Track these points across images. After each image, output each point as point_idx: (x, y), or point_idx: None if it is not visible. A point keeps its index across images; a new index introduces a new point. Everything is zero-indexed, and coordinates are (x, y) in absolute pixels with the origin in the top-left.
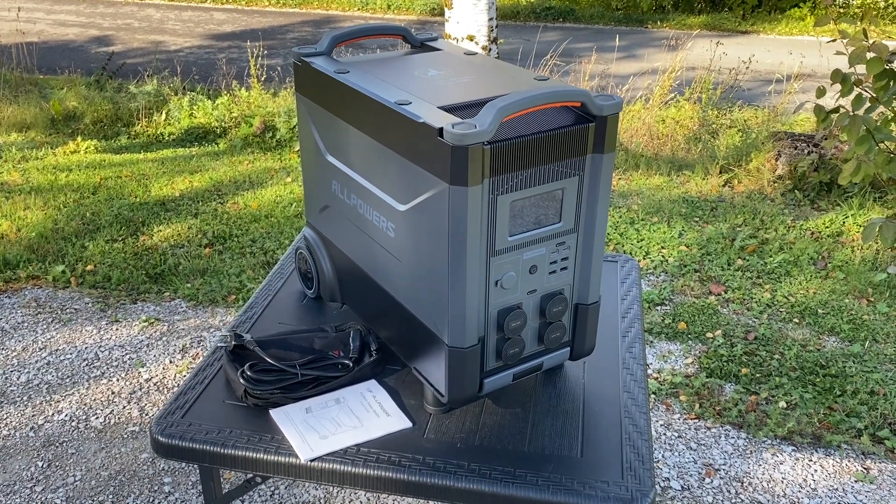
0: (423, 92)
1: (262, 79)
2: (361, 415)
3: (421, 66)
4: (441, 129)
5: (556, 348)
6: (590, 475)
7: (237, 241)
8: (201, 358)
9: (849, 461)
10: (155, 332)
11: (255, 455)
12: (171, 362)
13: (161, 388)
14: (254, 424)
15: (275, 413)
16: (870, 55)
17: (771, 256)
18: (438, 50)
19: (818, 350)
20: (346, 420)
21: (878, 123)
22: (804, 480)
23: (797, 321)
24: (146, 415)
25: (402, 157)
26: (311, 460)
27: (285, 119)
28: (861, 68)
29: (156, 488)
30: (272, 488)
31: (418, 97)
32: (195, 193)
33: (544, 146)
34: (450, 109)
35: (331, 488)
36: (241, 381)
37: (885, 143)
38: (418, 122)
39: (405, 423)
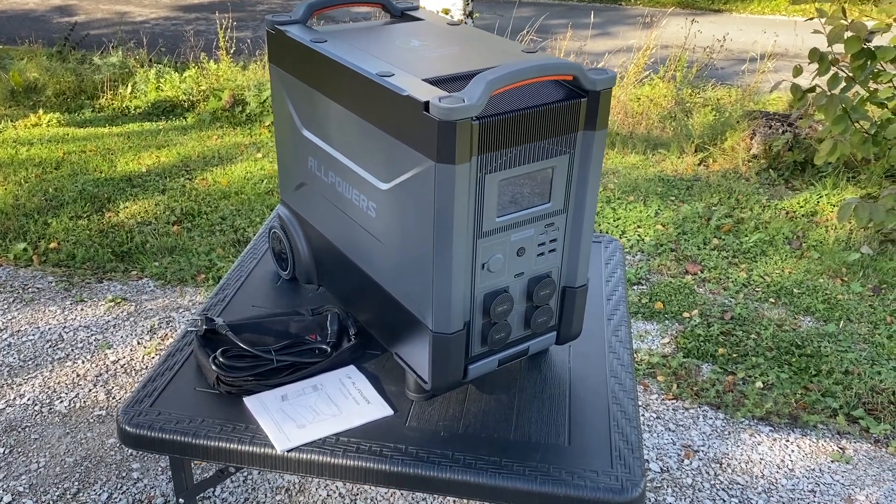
0: (406, 63)
1: (231, 51)
2: (340, 402)
3: (403, 36)
4: (427, 103)
5: (542, 333)
6: (578, 464)
7: (206, 218)
8: (170, 340)
9: (825, 441)
10: (122, 312)
11: (228, 445)
12: (138, 343)
13: (129, 371)
14: (227, 413)
15: (249, 401)
16: (848, 34)
17: (746, 236)
18: (420, 20)
19: (794, 330)
20: (325, 408)
21: (854, 103)
22: (781, 461)
23: (773, 301)
24: (113, 398)
25: (384, 133)
26: (288, 451)
27: (255, 93)
28: (838, 47)
29: (123, 475)
30: (245, 473)
31: (401, 69)
32: (162, 169)
33: (535, 122)
34: (435, 82)
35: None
36: (213, 367)
37: (860, 122)
38: (402, 96)
39: (386, 411)
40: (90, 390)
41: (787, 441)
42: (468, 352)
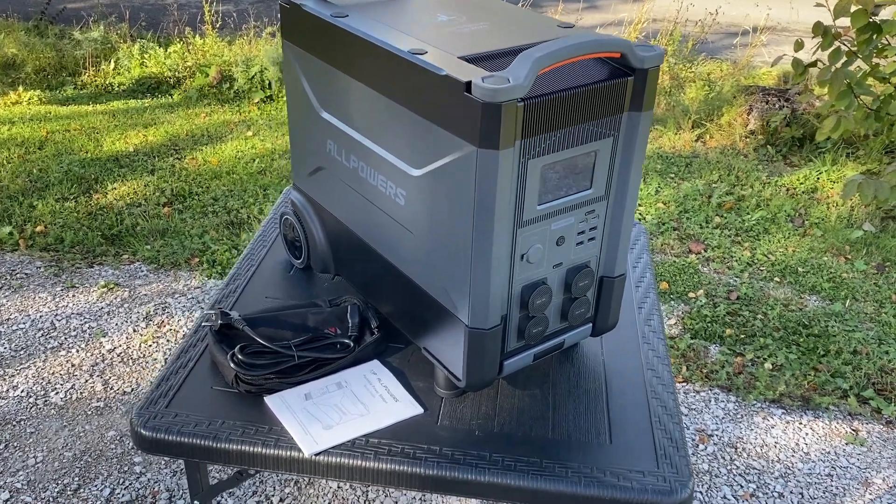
0: (437, 39)
1: (217, 25)
2: (367, 400)
3: (428, 9)
4: (469, 84)
5: (578, 325)
6: (622, 464)
7: (198, 199)
8: (167, 327)
9: (837, 423)
10: (115, 298)
11: (251, 449)
12: (134, 331)
13: (126, 360)
14: (247, 414)
15: (270, 400)
16: (854, 7)
17: (748, 213)
18: None
19: (800, 309)
20: (351, 407)
21: (858, 78)
22: (796, 445)
23: (778, 280)
24: (111, 389)
25: (416, 116)
26: (316, 454)
27: (243, 69)
28: (841, 21)
29: (125, 469)
30: None
31: (433, 45)
32: (150, 148)
33: (580, 103)
34: (472, 60)
35: None
36: (232, 365)
37: (863, 98)
38: (439, 76)
39: (416, 410)
40: (86, 381)
41: (801, 424)
42: (504, 347)
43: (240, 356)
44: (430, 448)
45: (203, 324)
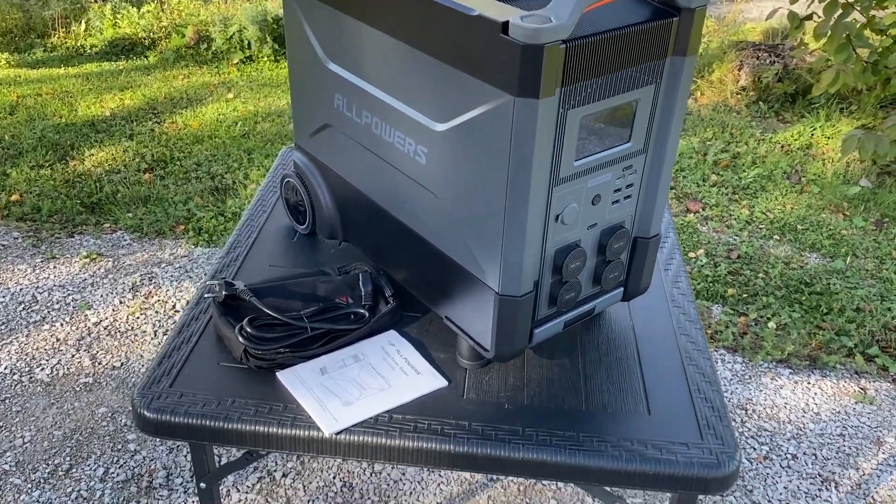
0: None
1: None
2: (387, 374)
3: None
4: (506, 24)
5: (610, 289)
6: (664, 436)
7: (180, 164)
8: (155, 298)
9: (845, 382)
10: (98, 268)
11: (266, 429)
12: (121, 303)
13: (113, 333)
14: (259, 391)
15: (283, 376)
16: None
17: (745, 171)
18: None
19: (801, 267)
20: (371, 381)
21: (857, 29)
22: (806, 405)
23: (778, 238)
24: (99, 364)
25: (440, 63)
26: (337, 433)
27: (220, 29)
28: None
29: (119, 447)
30: None
31: None
32: (128, 112)
33: (623, 46)
34: None
35: None
36: (240, 339)
37: (859, 50)
38: (470, 16)
39: (440, 382)
40: (73, 356)
41: (809, 384)
42: (534, 315)
43: (248, 329)
44: (459, 423)
45: (206, 295)
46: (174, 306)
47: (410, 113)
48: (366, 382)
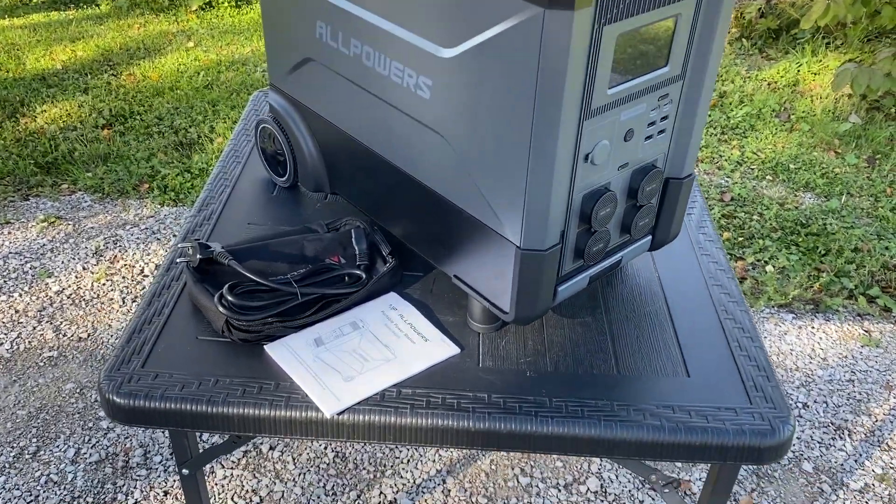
0: None
1: None
2: (391, 342)
3: None
4: None
5: (639, 238)
6: (708, 402)
7: (140, 119)
8: (122, 263)
9: (849, 325)
10: (58, 233)
11: (256, 412)
12: (84, 269)
13: (77, 302)
14: (245, 368)
15: (273, 350)
16: None
17: (733, 110)
18: None
19: (796, 208)
20: (373, 351)
21: None
22: (812, 351)
23: (770, 178)
24: (63, 336)
25: None
26: (339, 413)
27: None
28: None
29: (90, 425)
30: None
31: None
32: (81, 65)
33: None
34: None
35: None
36: (221, 308)
37: None
38: None
39: (451, 350)
40: (34, 328)
41: (813, 328)
42: (559, 270)
43: (230, 297)
44: (477, 396)
45: (177, 260)
46: (142, 271)
47: (410, 38)
48: (368, 353)
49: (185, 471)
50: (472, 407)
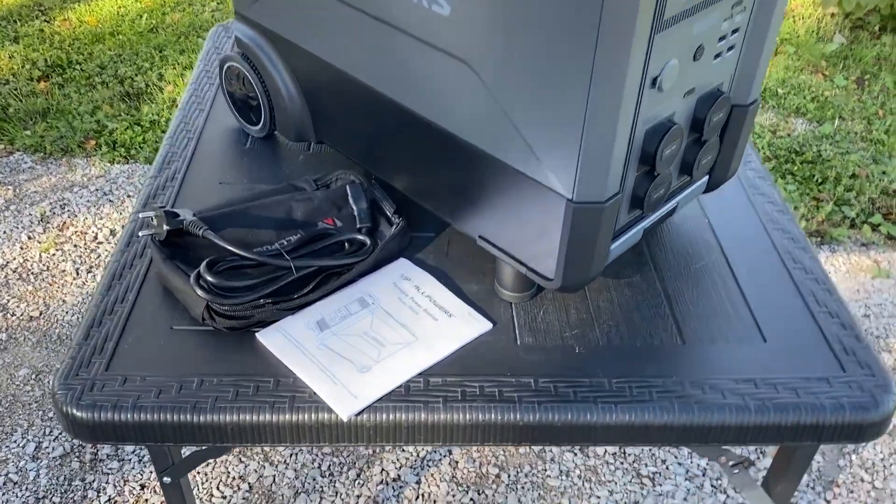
0: None
1: None
2: (409, 320)
3: None
4: None
5: (698, 179)
6: (793, 371)
7: (80, 69)
8: (73, 230)
9: (856, 256)
10: None
11: (254, 418)
12: (30, 238)
13: (25, 277)
14: (236, 363)
15: (267, 338)
16: None
17: None
18: None
19: (789, 135)
20: (390, 333)
21: None
22: None
23: (760, 105)
24: (13, 316)
25: None
26: (358, 414)
27: None
28: None
29: (51, 415)
30: None
31: None
32: (7, 11)
33: None
34: None
35: None
36: (199, 291)
37: None
38: None
39: (482, 325)
40: None
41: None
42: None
43: (209, 277)
44: (521, 381)
45: (140, 233)
46: (95, 237)
47: None
48: (383, 336)
49: (166, 479)
50: (518, 396)
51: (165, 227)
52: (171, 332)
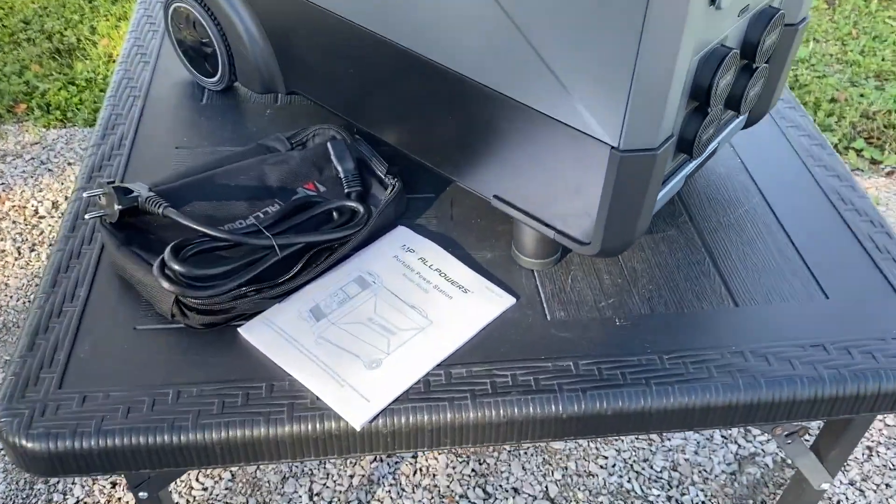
0: None
1: None
2: (419, 300)
3: None
4: None
5: (741, 114)
6: (866, 332)
7: (1, 25)
8: (9, 204)
9: None
10: None
11: (250, 434)
12: None
13: None
14: (219, 367)
15: (252, 333)
16: None
17: None
18: None
19: None
20: (398, 318)
21: None
22: None
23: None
24: None
25: None
26: (372, 420)
27: None
28: None
29: None
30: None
31: None
32: None
33: None
34: None
35: None
36: (166, 283)
37: None
38: None
39: (504, 301)
40: None
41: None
42: None
43: (175, 265)
44: (559, 365)
45: (86, 216)
46: (36, 211)
47: None
48: (392, 322)
49: (142, 494)
50: (558, 384)
51: (117, 207)
52: (136, 335)
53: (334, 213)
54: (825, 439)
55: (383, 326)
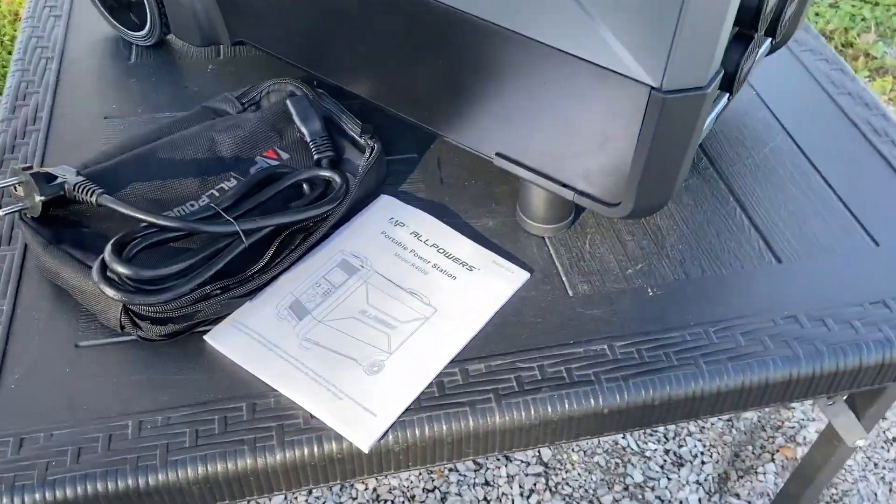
0: None
1: None
2: (419, 285)
3: None
4: None
5: (776, 39)
6: None
7: None
8: None
9: None
10: None
11: (232, 467)
12: None
13: None
14: (185, 386)
15: (220, 342)
16: None
17: None
18: None
19: None
20: (398, 308)
21: None
22: None
23: None
24: None
25: None
26: (381, 437)
27: None
28: None
29: None
30: None
31: None
32: None
33: None
34: None
35: None
36: (108, 289)
37: None
38: None
39: (517, 277)
40: None
41: None
42: None
43: (119, 267)
44: (591, 350)
45: (1, 213)
46: None
47: None
48: (390, 313)
49: None
50: (595, 373)
51: (38, 199)
52: (78, 354)
53: (305, 186)
54: (863, 395)
55: (380, 320)
